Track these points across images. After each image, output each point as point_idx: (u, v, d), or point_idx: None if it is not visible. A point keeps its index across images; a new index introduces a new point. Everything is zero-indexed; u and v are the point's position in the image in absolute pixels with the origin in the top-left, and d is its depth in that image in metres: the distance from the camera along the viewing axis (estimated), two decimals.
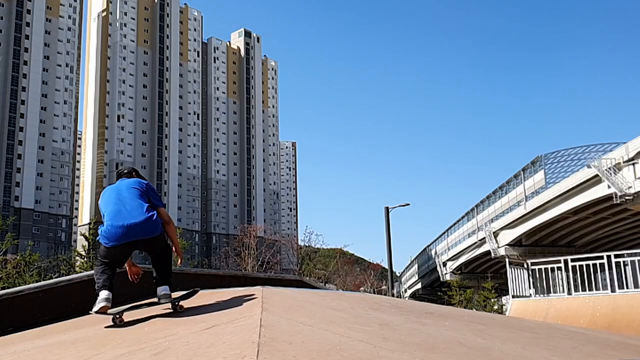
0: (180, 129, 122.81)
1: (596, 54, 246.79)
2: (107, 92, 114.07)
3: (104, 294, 4.33)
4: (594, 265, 13.10)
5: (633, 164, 33.49)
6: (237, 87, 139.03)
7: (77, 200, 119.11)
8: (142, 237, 4.41)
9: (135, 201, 4.51)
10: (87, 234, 23.51)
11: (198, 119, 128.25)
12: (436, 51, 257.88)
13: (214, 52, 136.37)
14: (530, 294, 14.18)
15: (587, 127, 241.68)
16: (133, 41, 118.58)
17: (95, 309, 4.29)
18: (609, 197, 35.22)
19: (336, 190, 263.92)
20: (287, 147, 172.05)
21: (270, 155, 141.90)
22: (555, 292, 13.80)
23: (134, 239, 4.41)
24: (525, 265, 14.73)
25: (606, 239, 49.93)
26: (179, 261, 5.17)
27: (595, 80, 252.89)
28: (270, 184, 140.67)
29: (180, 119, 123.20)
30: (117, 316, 4.32)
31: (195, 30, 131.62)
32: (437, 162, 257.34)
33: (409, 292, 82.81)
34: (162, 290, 4.51)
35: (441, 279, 62.40)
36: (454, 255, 61.10)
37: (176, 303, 4.55)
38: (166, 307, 4.51)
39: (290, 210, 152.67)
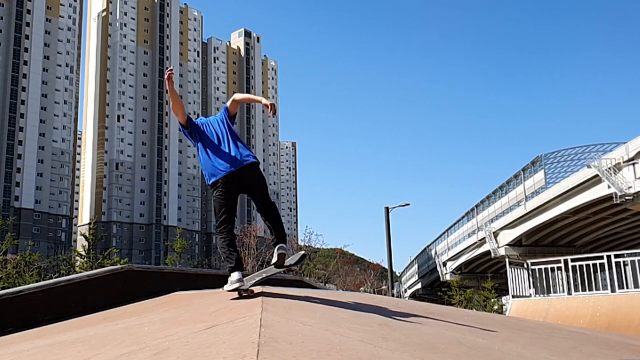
0: None
1: (596, 54, 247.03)
2: (107, 92, 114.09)
3: (238, 275, 4.39)
4: (594, 265, 13.11)
5: (633, 164, 33.48)
6: (237, 87, 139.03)
7: (77, 200, 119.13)
8: None
9: None
10: (87, 234, 23.49)
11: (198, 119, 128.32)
12: (436, 51, 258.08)
13: (214, 52, 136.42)
14: (530, 294, 14.18)
15: (587, 127, 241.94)
16: (133, 41, 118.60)
17: (229, 287, 4.39)
18: (609, 197, 35.21)
19: (336, 190, 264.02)
20: (287, 147, 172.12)
21: (270, 155, 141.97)
22: (555, 292, 13.80)
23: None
24: (525, 265, 14.73)
25: (606, 239, 49.92)
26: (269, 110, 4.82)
27: (595, 80, 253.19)
28: (270, 184, 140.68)
29: None
30: (248, 291, 4.45)
31: (195, 30, 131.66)
32: (437, 162, 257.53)
33: (409, 292, 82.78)
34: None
35: (441, 279, 62.38)
36: (454, 255, 61.09)
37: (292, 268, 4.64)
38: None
39: (290, 210, 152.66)
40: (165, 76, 4.74)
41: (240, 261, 4.48)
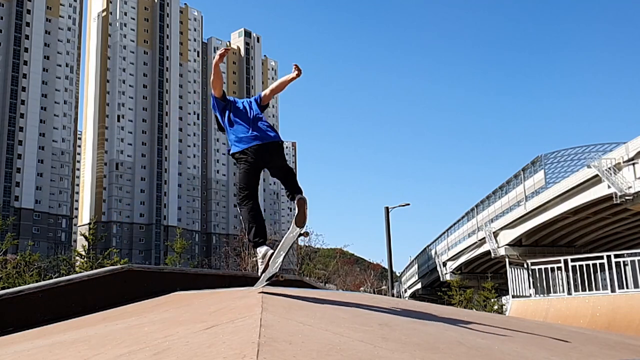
0: (180, 129, 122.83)
1: (596, 54, 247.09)
2: (107, 92, 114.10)
3: (265, 250, 4.53)
4: (594, 265, 13.11)
5: (633, 164, 33.50)
6: (237, 87, 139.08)
7: (77, 200, 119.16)
8: None
9: None
10: (87, 234, 23.49)
11: (198, 119, 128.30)
12: (436, 51, 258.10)
13: (214, 52, 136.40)
14: (530, 294, 14.19)
15: (587, 127, 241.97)
16: (133, 41, 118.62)
17: (265, 273, 4.52)
18: (609, 197, 35.22)
19: (336, 190, 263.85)
20: (287, 147, 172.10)
21: None
22: (555, 292, 13.80)
23: None
24: (525, 265, 14.73)
25: (606, 239, 49.94)
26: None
27: (595, 80, 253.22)
28: (270, 184, 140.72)
29: (180, 119, 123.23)
30: (278, 276, 4.52)
31: (195, 30, 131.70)
32: (437, 162, 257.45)
33: (409, 292, 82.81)
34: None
35: (441, 279, 62.39)
36: (454, 255, 61.10)
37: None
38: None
39: (290, 210, 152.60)
40: (221, 52, 4.85)
41: (264, 233, 4.62)
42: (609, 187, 34.63)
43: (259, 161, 4.62)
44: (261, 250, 4.51)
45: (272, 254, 4.51)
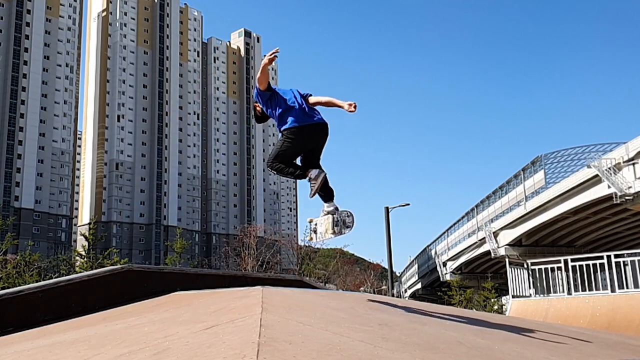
0: (180, 129, 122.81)
1: (596, 53, 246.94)
2: (107, 92, 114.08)
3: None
4: (594, 265, 13.11)
5: (633, 164, 33.48)
6: (237, 87, 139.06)
7: (77, 200, 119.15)
8: None
9: None
10: (87, 234, 23.49)
11: (198, 119, 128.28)
12: (436, 51, 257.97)
13: (214, 52, 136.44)
14: (530, 294, 14.18)
15: (587, 127, 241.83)
16: (133, 41, 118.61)
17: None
18: (609, 197, 35.21)
19: (336, 190, 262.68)
20: None
21: None
22: (555, 292, 13.80)
23: None
24: (525, 265, 14.73)
25: (606, 239, 49.93)
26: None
27: (595, 80, 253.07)
28: (270, 184, 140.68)
29: (180, 119, 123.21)
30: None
31: (195, 30, 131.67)
32: (437, 162, 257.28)
33: (409, 292, 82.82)
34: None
35: (441, 279, 62.39)
36: (454, 255, 61.10)
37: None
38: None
39: (290, 210, 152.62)
40: (271, 56, 5.04)
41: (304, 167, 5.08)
42: (609, 187, 34.62)
43: (305, 138, 4.96)
44: (314, 172, 4.93)
45: (325, 176, 4.97)
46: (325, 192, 5.15)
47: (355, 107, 4.82)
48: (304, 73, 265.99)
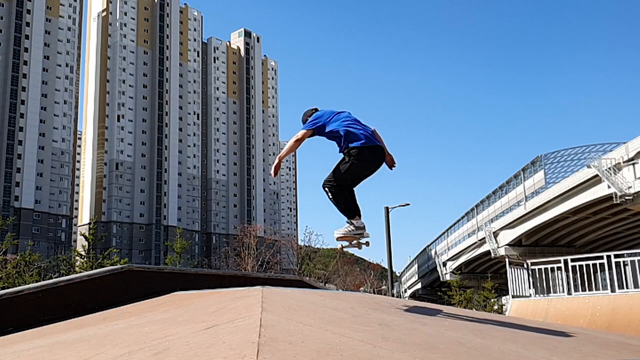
0: (180, 129, 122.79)
1: (597, 53, 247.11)
2: (107, 92, 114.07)
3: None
4: (594, 265, 13.10)
5: (633, 164, 33.48)
6: (237, 87, 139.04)
7: (77, 200, 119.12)
8: None
9: None
10: (87, 234, 23.48)
11: (198, 119, 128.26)
12: (437, 50, 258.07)
13: (214, 52, 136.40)
14: (530, 294, 14.18)
15: (587, 127, 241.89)
16: (133, 41, 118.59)
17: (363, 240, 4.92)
18: (609, 197, 35.21)
19: None
20: None
21: (270, 155, 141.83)
22: (555, 292, 13.79)
23: None
24: (525, 265, 14.72)
25: (606, 239, 49.93)
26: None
27: (595, 80, 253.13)
28: (270, 184, 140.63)
29: (180, 119, 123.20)
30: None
31: (195, 30, 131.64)
32: (437, 162, 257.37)
33: (409, 292, 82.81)
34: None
35: (441, 279, 62.38)
36: (454, 255, 61.10)
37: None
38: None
39: (290, 210, 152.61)
40: (277, 169, 5.07)
41: (355, 210, 4.95)
42: (609, 187, 34.61)
43: (367, 161, 4.84)
44: (361, 223, 4.88)
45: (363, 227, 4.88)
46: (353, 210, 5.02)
47: (394, 165, 5.10)
48: (304, 73, 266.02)
